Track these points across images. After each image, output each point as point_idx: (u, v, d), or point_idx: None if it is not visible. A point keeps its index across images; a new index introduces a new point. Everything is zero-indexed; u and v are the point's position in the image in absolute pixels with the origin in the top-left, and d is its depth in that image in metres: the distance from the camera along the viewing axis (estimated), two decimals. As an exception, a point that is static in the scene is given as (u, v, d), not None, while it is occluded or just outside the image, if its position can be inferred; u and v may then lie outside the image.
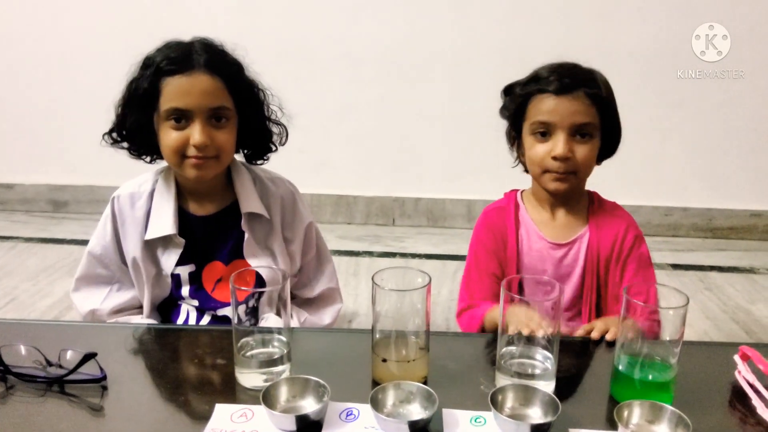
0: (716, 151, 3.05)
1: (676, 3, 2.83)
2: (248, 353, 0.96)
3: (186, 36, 1.30)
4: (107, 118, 1.33)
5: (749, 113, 2.97)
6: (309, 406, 0.87)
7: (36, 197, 3.31)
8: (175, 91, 1.21)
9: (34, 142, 3.24)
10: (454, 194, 3.17)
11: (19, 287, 2.44)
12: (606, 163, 1.35)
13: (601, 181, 1.39)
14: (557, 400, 0.84)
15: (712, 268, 2.76)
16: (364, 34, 2.99)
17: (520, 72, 1.35)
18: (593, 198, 1.37)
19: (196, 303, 1.35)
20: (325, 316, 1.47)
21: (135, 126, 1.27)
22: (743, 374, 0.97)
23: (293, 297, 1.48)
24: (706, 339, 2.08)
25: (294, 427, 0.83)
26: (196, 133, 1.21)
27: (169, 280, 1.33)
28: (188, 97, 1.21)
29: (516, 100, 1.31)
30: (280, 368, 0.95)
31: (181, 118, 1.22)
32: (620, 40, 2.85)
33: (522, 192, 1.41)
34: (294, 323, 1.40)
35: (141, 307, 1.37)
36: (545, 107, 1.25)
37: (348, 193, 3.22)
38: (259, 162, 1.41)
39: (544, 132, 1.26)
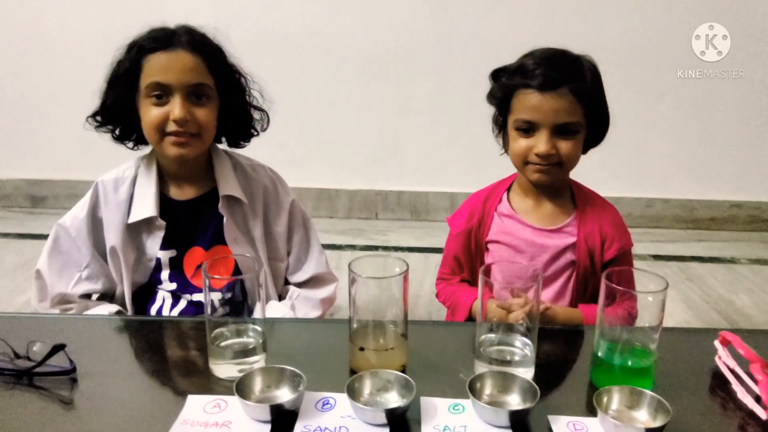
0: (697, 142, 3.07)
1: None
2: (222, 343, 0.94)
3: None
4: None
5: (730, 105, 2.99)
6: (284, 395, 0.85)
7: (14, 192, 3.28)
8: (156, 66, 1.23)
9: (12, 136, 3.21)
10: (436, 187, 3.17)
11: (-4, 283, 2.40)
12: (588, 153, 1.33)
13: (583, 172, 1.38)
14: (536, 386, 0.83)
15: (693, 258, 2.77)
16: (345, 28, 2.98)
17: (500, 63, 1.33)
18: (575, 186, 1.36)
19: (173, 287, 1.35)
20: (321, 292, 1.46)
21: (117, 105, 1.28)
22: (723, 359, 0.96)
23: (286, 282, 1.48)
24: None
25: (268, 417, 0.82)
26: (176, 108, 1.22)
27: (151, 264, 1.33)
28: (168, 73, 1.23)
29: (502, 90, 1.29)
30: (255, 358, 0.93)
31: (162, 94, 1.23)
32: (604, 31, 2.86)
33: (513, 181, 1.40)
34: (285, 303, 1.40)
35: (111, 296, 1.36)
36: (529, 104, 1.22)
37: (330, 187, 3.21)
38: (242, 144, 1.42)
39: (528, 129, 1.24)
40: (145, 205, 1.30)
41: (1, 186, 3.28)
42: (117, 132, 1.33)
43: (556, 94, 1.20)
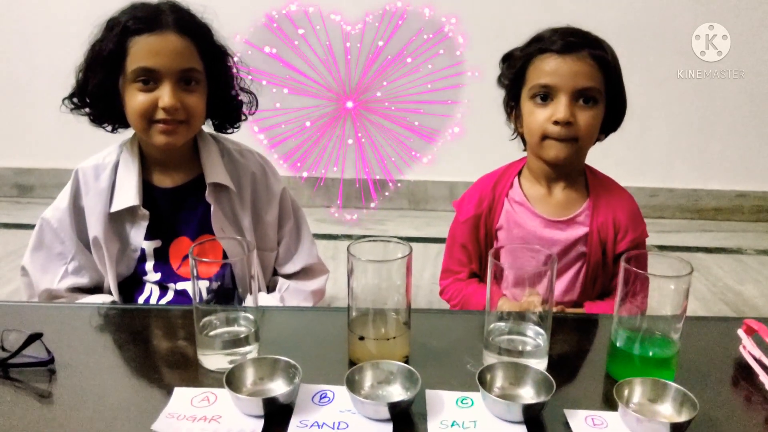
0: (702, 131, 3.06)
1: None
2: (211, 333, 0.89)
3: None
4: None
5: (734, 94, 2.97)
6: (278, 388, 0.80)
7: (0, 181, 3.26)
8: (144, 50, 1.16)
9: None
10: (435, 176, 3.13)
11: (-20, 273, 2.37)
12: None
13: (588, 161, 1.34)
14: (551, 378, 0.78)
15: (698, 249, 2.75)
16: (340, 8, 2.93)
17: (502, 49, 1.30)
18: (589, 171, 1.30)
19: (158, 277, 1.29)
20: (311, 284, 1.42)
21: (98, 89, 1.21)
22: (748, 349, 0.91)
23: (275, 274, 1.43)
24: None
25: (261, 412, 0.76)
26: (165, 95, 1.16)
27: (135, 255, 1.28)
28: (157, 57, 1.16)
29: (516, 64, 1.24)
30: (246, 349, 0.88)
31: (150, 79, 1.17)
32: (605, 21, 2.81)
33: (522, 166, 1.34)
34: (274, 295, 1.36)
35: (98, 289, 1.31)
36: (547, 68, 1.17)
37: (327, 176, 3.16)
38: (229, 131, 1.36)
39: (545, 95, 1.18)
40: (128, 194, 1.24)
41: (-14, 175, 3.28)
42: (95, 115, 1.26)
43: (577, 57, 1.17)
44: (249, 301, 0.90)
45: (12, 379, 0.85)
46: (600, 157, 1.36)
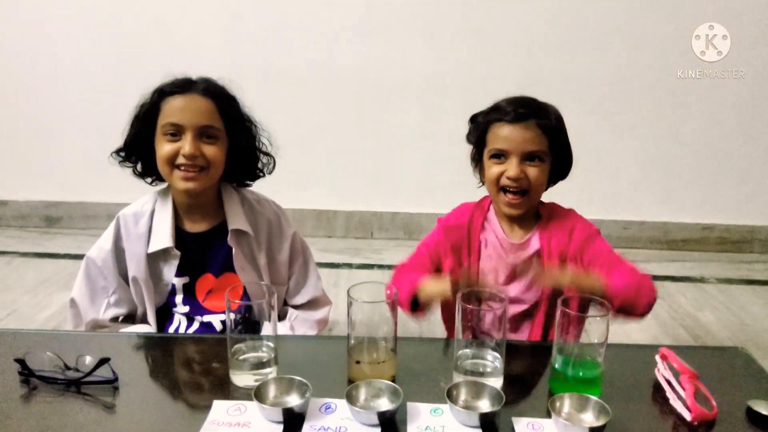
0: (670, 168, 3.15)
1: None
2: (241, 357, 1.07)
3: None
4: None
5: (697, 134, 3.08)
6: (294, 401, 0.98)
7: (30, 213, 3.30)
8: (173, 108, 1.37)
9: (29, 160, 3.23)
10: (428, 209, 3.19)
11: (19, 300, 2.48)
12: (569, 179, 1.48)
13: (563, 195, 1.51)
14: (502, 393, 0.97)
15: (666, 278, 2.86)
16: (343, 60, 3.06)
17: (486, 93, 1.48)
18: (540, 205, 1.49)
19: (186, 309, 1.47)
20: (316, 314, 1.60)
21: (136, 141, 1.42)
22: (661, 371, 1.11)
23: (285, 304, 1.60)
24: (655, 343, 2.20)
25: (281, 419, 0.95)
26: (186, 144, 1.36)
27: (167, 289, 1.46)
28: (182, 114, 1.37)
29: (479, 128, 1.45)
30: (268, 370, 1.07)
31: (176, 132, 1.37)
32: (578, 68, 2.93)
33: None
34: (285, 323, 1.52)
35: (133, 318, 1.49)
36: (501, 134, 1.39)
37: (328, 208, 3.27)
38: (248, 184, 1.55)
39: (500, 155, 1.40)
40: (162, 237, 1.42)
41: (18, 207, 3.31)
42: (138, 168, 1.47)
43: (525, 126, 1.37)
44: (268, 330, 1.07)
45: (84, 394, 1.03)
46: (577, 191, 1.48)
